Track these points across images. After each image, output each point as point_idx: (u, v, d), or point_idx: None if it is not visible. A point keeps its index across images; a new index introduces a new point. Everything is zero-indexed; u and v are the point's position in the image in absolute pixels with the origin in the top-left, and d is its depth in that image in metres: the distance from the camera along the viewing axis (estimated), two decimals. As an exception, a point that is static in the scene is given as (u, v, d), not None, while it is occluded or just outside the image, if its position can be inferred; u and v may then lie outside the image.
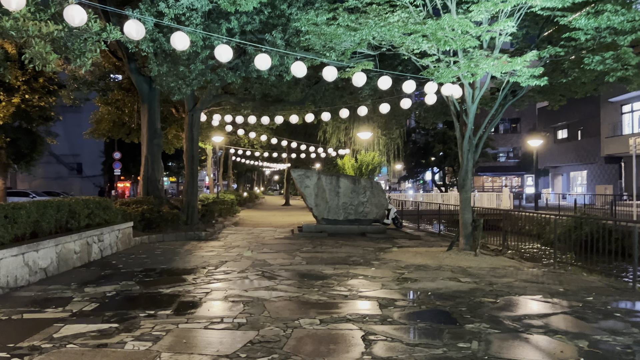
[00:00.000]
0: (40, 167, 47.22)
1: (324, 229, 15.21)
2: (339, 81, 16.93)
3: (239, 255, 10.62)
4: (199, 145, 25.83)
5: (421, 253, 11.26)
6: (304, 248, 11.98)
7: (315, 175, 15.44)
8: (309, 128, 36.53)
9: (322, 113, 14.43)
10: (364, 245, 12.66)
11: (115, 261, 9.77)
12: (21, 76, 21.39)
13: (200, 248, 11.88)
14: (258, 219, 22.82)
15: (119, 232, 11.39)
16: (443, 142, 34.06)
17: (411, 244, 13.25)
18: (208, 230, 15.02)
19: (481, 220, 11.06)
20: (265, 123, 16.25)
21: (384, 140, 24.65)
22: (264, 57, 7.77)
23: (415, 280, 8.05)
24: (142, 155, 16.72)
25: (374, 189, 15.65)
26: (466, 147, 11.03)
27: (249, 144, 31.50)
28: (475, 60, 8.50)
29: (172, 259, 10.02)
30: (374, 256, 10.80)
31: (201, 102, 15.50)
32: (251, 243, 12.98)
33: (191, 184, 15.67)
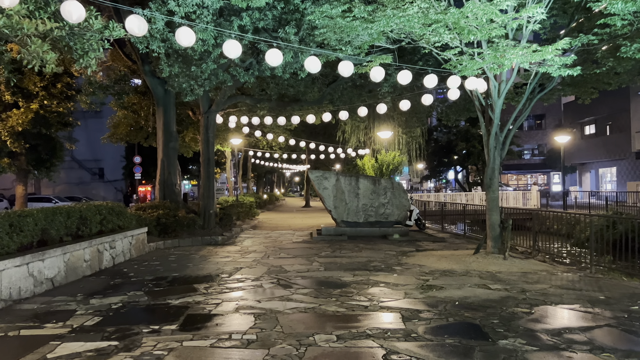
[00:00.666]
0: (63, 173, 47.84)
1: (343, 231, 14.71)
2: (357, 79, 16.47)
3: (255, 261, 10.20)
4: (217, 148, 25.64)
5: (446, 257, 10.67)
6: (322, 252, 11.51)
7: (333, 177, 14.96)
8: (328, 128, 36.11)
9: (340, 112, 13.94)
10: (386, 249, 12.12)
11: (126, 269, 9.44)
12: (39, 82, 21.42)
13: (215, 253, 11.51)
14: (277, 221, 22.43)
15: (132, 239, 11.08)
16: (466, 140, 33.19)
17: (435, 247, 12.66)
18: (225, 234, 14.66)
19: (510, 221, 10.43)
20: (282, 124, 15.85)
21: (404, 139, 24.02)
22: (275, 52, 7.33)
23: (440, 287, 7.50)
24: (158, 159, 16.47)
25: (395, 190, 15.09)
26: (492, 144, 10.41)
27: (268, 146, 31.21)
28: (501, 50, 7.90)
29: (186, 266, 9.65)
30: (396, 261, 10.27)
31: (216, 104, 15.16)
32: (268, 247, 12.56)
33: (207, 187, 15.35)
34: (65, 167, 47.64)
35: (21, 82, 21.31)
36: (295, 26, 9.67)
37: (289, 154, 32.82)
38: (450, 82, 9.64)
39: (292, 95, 16.99)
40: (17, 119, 20.49)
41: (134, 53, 15.87)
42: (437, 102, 17.33)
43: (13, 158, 21.98)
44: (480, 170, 35.67)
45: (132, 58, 16.87)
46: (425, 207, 19.20)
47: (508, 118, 10.97)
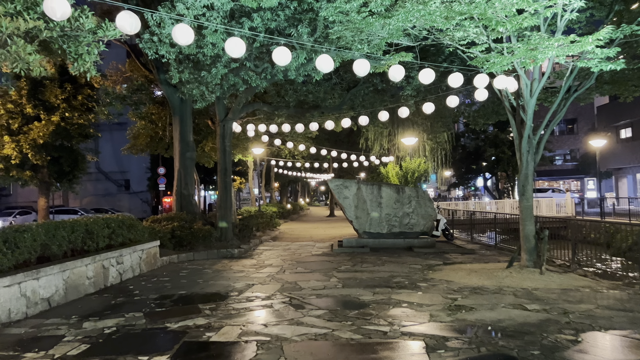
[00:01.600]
0: (89, 185, 48.42)
1: (365, 243, 13.96)
2: (379, 83, 15.79)
3: (269, 277, 9.54)
4: (239, 158, 25.22)
5: (476, 271, 9.82)
6: (342, 266, 10.79)
7: (354, 185, 14.24)
8: (351, 136, 35.43)
9: (360, 117, 13.25)
10: (410, 262, 11.33)
11: (133, 286, 8.91)
12: (60, 94, 21.41)
13: (229, 268, 10.91)
14: (299, 232, 21.79)
15: (143, 253, 10.58)
16: (495, 146, 31.97)
17: (464, 260, 11.80)
18: (242, 246, 14.09)
19: (546, 231, 9.53)
20: (300, 131, 15.25)
21: (430, 145, 23.13)
22: (282, 51, 6.71)
23: (470, 308, 6.70)
24: (175, 169, 16.08)
25: (420, 199, 14.27)
26: (525, 147, 9.56)
27: (290, 155, 30.67)
28: (534, 42, 7.11)
29: (195, 283, 9.07)
30: (421, 276, 9.47)
31: (232, 112, 14.66)
32: (285, 261, 11.91)
33: (224, 198, 14.83)
34: (92, 179, 48.25)
35: (42, 94, 21.36)
36: (309, 25, 9.05)
37: (312, 162, 32.21)
38: (478, 81, 8.86)
39: (311, 101, 16.40)
40: (39, 131, 20.46)
41: (150, 62, 15.57)
42: (463, 106, 16.50)
43: (35, 171, 21.98)
44: (510, 176, 34.38)
45: (149, 67, 16.59)
46: (453, 216, 18.27)
47: (540, 121, 10.10)
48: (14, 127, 20.58)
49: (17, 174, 21.06)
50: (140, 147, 21.81)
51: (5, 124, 20.55)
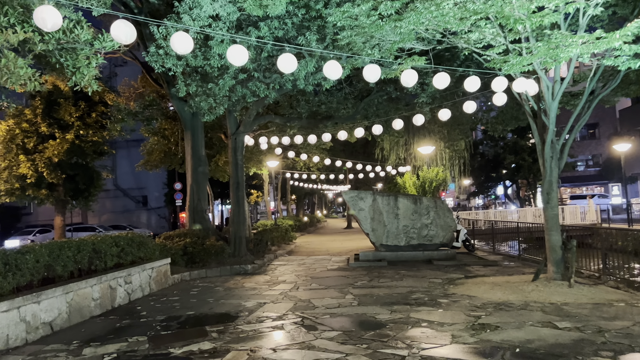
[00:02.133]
0: (108, 202, 48.74)
1: (383, 256, 13.48)
2: (393, 91, 15.41)
3: (282, 295, 9.15)
4: (253, 171, 25.00)
5: (500, 285, 9.30)
6: (358, 282, 10.34)
7: (369, 196, 13.81)
8: (368, 147, 35.02)
9: (374, 126, 12.87)
10: (430, 276, 10.84)
11: (141, 307, 8.60)
12: (75, 112, 21.48)
13: (242, 285, 10.55)
14: (315, 245, 21.37)
15: (152, 271, 10.29)
16: (515, 153, 31.23)
17: (487, 272, 11.26)
18: (256, 262, 13.73)
19: (574, 242, 8.98)
20: (313, 142, 14.92)
21: (448, 154, 22.59)
22: (288, 58, 6.39)
23: (496, 327, 6.21)
24: (187, 185, 15.86)
25: (439, 209, 13.77)
26: (548, 153, 9.05)
27: (305, 167, 30.37)
28: (555, 41, 6.67)
29: (205, 302, 8.71)
30: (442, 291, 8.98)
31: (243, 125, 14.41)
32: (299, 277, 11.51)
33: (237, 212, 14.53)
34: (110, 196, 48.56)
35: (57, 113, 21.46)
36: (317, 33, 8.74)
37: (327, 174, 31.86)
38: (496, 84, 8.42)
39: (324, 112, 16.09)
40: (53, 149, 20.53)
41: (160, 77, 15.44)
42: (481, 112, 16.02)
43: (51, 189, 22.01)
44: (531, 184, 33.55)
45: (160, 82, 16.47)
46: (474, 226, 17.69)
47: (561, 127, 9.56)
48: (29, 146, 20.67)
49: (33, 193, 21.09)
50: (154, 163, 21.71)
51: (20, 143, 20.66)
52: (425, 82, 13.77)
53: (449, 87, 14.07)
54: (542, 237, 13.13)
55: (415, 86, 13.96)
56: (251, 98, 10.01)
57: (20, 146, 20.66)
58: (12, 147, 20.57)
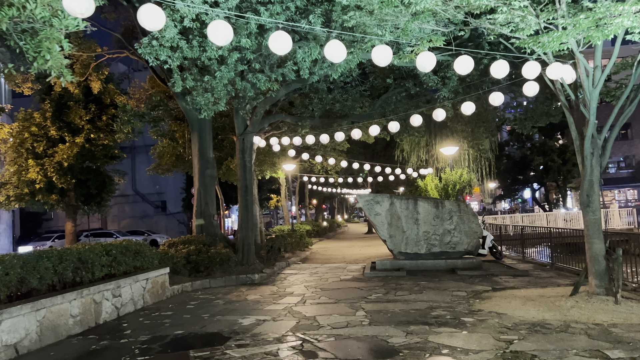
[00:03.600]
0: (127, 207, 48.60)
1: (401, 265, 12.41)
2: (412, 87, 14.36)
3: (285, 310, 8.18)
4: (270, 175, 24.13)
5: (533, 299, 8.17)
6: (372, 295, 9.31)
7: (386, 200, 12.75)
8: (388, 150, 33.83)
9: (390, 122, 11.84)
10: (453, 288, 9.73)
11: (128, 323, 7.73)
12: (85, 115, 20.99)
13: (244, 298, 9.62)
14: (332, 252, 20.36)
15: (147, 282, 9.44)
16: (543, 154, 29.70)
17: (517, 284, 10.10)
18: (265, 271, 12.79)
19: (620, 251, 7.79)
20: (325, 142, 13.95)
21: (472, 155, 21.33)
22: (280, 36, 5.44)
23: (532, 357, 5.13)
24: (194, 188, 15.06)
25: (463, 213, 12.63)
26: (588, 149, 7.89)
27: (323, 170, 29.39)
28: (600, 11, 5.57)
29: (199, 319, 7.80)
30: (467, 307, 7.89)
31: (252, 124, 13.54)
32: (309, 288, 10.53)
33: (245, 217, 13.63)
34: (129, 201, 48.43)
35: (67, 116, 20.98)
36: (323, 16, 7.78)
37: (345, 178, 30.82)
38: (527, 70, 7.32)
39: (338, 111, 15.13)
40: (63, 154, 20.04)
41: (167, 76, 14.70)
42: (508, 108, 14.82)
43: (62, 194, 21.52)
44: (560, 187, 31.91)
45: (167, 82, 15.74)
46: (501, 231, 16.45)
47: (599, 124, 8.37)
48: (38, 151, 20.23)
49: (42, 199, 20.61)
50: (166, 167, 21.01)
51: (30, 147, 20.23)
52: (446, 76, 12.71)
53: (473, 81, 13.01)
54: (574, 243, 11.92)
55: (435, 80, 12.91)
56: (251, 92, 9.10)
57: (30, 150, 20.24)
58: (21, 151, 20.15)
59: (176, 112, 17.06)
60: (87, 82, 19.89)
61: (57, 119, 20.87)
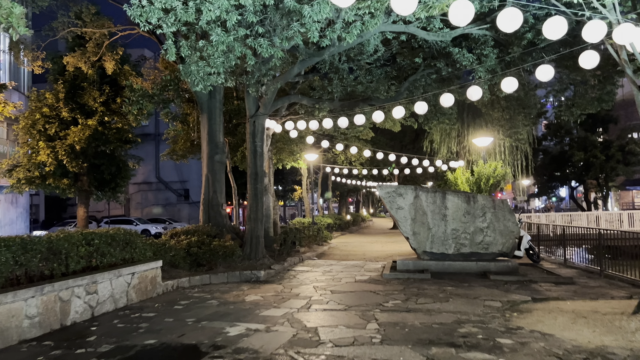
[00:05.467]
0: (150, 194, 48.24)
1: (425, 266, 11.01)
2: (443, 68, 12.85)
3: (284, 317, 6.93)
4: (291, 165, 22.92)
5: (585, 316, 6.70)
6: (389, 301, 7.98)
7: (410, 193, 11.34)
8: (417, 142, 32.22)
9: (417, 103, 10.43)
10: (485, 296, 8.31)
11: (98, 327, 6.61)
12: (99, 97, 20.15)
13: (242, 299, 8.42)
14: (352, 247, 19.03)
15: (133, 277, 8.32)
16: (584, 149, 27.60)
17: (561, 293, 8.60)
18: (274, 267, 11.59)
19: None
20: (344, 126, 12.59)
21: (507, 147, 19.64)
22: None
23: (600, 409, 3.73)
24: (203, 175, 13.95)
25: (498, 210, 11.13)
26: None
27: (347, 161, 28.04)
28: None
29: (181, 324, 6.63)
30: (503, 322, 6.48)
31: (263, 105, 12.30)
32: (318, 289, 9.26)
33: (255, 208, 12.43)
34: (152, 189, 48.06)
35: (81, 97, 20.18)
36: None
37: (370, 169, 29.37)
38: (588, 32, 5.84)
39: (360, 93, 13.74)
40: (75, 136, 19.24)
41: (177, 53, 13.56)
42: (551, 93, 13.17)
43: (76, 179, 20.78)
44: (602, 185, 29.71)
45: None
46: (539, 231, 14.82)
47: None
48: (50, 132, 19.47)
49: (54, 182, 19.89)
50: (180, 153, 20.03)
51: (42, 128, 19.51)
52: (483, 53, 11.20)
53: (513, 60, 11.45)
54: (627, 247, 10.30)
55: (470, 59, 11.40)
56: (252, 60, 7.82)
57: (42, 132, 19.52)
58: (33, 132, 19.44)
59: (188, 94, 15.95)
60: (101, 62, 19.02)
61: (70, 100, 20.09)
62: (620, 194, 42.10)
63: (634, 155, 26.95)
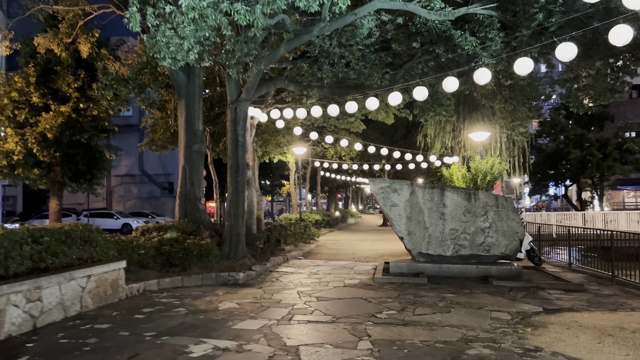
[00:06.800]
0: (134, 187, 46.85)
1: (421, 269, 10.04)
2: (442, 54, 11.87)
3: (260, 331, 5.90)
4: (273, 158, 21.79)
5: (611, 333, 5.76)
6: (382, 311, 6.97)
7: (406, 188, 10.35)
8: (409, 137, 31.28)
9: (415, 88, 9.43)
10: (490, 306, 7.34)
11: (36, 342, 5.52)
12: (73, 82, 18.87)
13: (216, 307, 7.36)
14: (340, 245, 18.04)
15: (89, 280, 7.23)
16: (580, 147, 26.83)
17: (574, 303, 7.65)
18: (255, 268, 10.54)
19: None
20: (334, 114, 11.53)
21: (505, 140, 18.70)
22: None
23: None
24: (179, 165, 12.84)
25: (502, 209, 10.18)
26: None
27: (336, 156, 27.01)
28: None
29: (138, 339, 5.56)
30: (516, 340, 5.51)
31: (246, 90, 11.22)
32: (302, 295, 8.23)
33: (235, 202, 11.36)
34: (136, 182, 46.65)
35: (54, 82, 18.90)
36: None
37: (361, 164, 28.37)
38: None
39: (353, 80, 12.70)
40: (46, 123, 17.96)
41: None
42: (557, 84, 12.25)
43: (49, 170, 19.51)
44: (597, 184, 28.98)
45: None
46: (539, 231, 13.93)
47: None
48: (20, 119, 18.16)
49: (23, 172, 18.61)
50: (160, 143, 18.84)
51: (11, 115, 18.19)
52: (487, 37, 10.21)
53: (521, 45, 10.47)
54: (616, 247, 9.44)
55: (473, 42, 10.40)
56: (228, 29, 6.75)
57: (11, 119, 18.22)
58: (1, 119, 18.12)
59: (167, 79, 14.78)
60: (75, 45, 17.79)
61: (42, 85, 18.78)
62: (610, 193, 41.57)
63: (631, 153, 26.23)
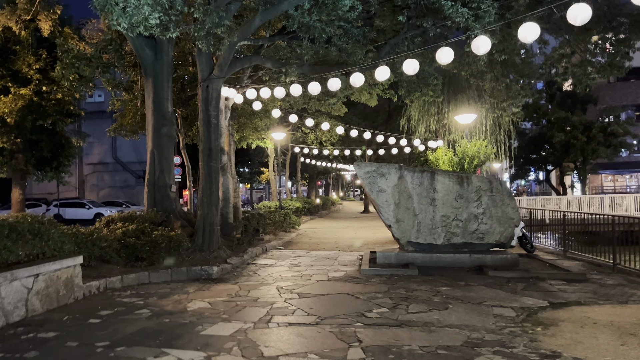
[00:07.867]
0: (107, 175, 45.31)
1: (410, 259, 9.31)
2: (431, 28, 11.05)
3: (233, 337, 5.07)
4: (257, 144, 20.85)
5: (633, 332, 5.10)
6: (372, 309, 6.20)
7: (394, 172, 9.56)
8: (390, 122, 30.57)
9: (406, 61, 8.61)
10: (490, 300, 6.64)
11: (-38, 358, 4.61)
12: (34, 63, 17.57)
13: (184, 307, 6.50)
14: (322, 233, 17.27)
15: (37, 280, 6.28)
16: (564, 131, 26.43)
17: (580, 295, 7.00)
18: (230, 261, 9.67)
19: None
20: (315, 93, 10.64)
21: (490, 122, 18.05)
22: None
23: None
24: (147, 150, 11.84)
25: (496, 193, 9.49)
26: None
27: (317, 142, 26.15)
28: None
29: (89, 350, 4.69)
30: (529, 345, 4.79)
31: (218, 66, 10.26)
32: (282, 290, 7.42)
33: (208, 190, 10.44)
34: (109, 170, 45.12)
35: (13, 63, 17.60)
36: None
37: (342, 149, 27.58)
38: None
39: (334, 57, 11.81)
40: (5, 107, 16.69)
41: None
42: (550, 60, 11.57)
43: (10, 157, 18.25)
44: (579, 168, 28.72)
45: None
46: (531, 216, 13.35)
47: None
48: (-25, 103, 16.86)
49: (-21, 160, 17.35)
50: (130, 128, 17.70)
51: (-35, 98, 16.88)
52: (480, 7, 9.41)
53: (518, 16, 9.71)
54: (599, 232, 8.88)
55: (465, 14, 9.58)
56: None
57: (-34, 103, 16.90)
58: (-46, 103, 16.80)
59: (134, 58, 13.67)
60: (36, 22, 16.50)
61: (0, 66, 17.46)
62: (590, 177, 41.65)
63: (615, 136, 25.95)
